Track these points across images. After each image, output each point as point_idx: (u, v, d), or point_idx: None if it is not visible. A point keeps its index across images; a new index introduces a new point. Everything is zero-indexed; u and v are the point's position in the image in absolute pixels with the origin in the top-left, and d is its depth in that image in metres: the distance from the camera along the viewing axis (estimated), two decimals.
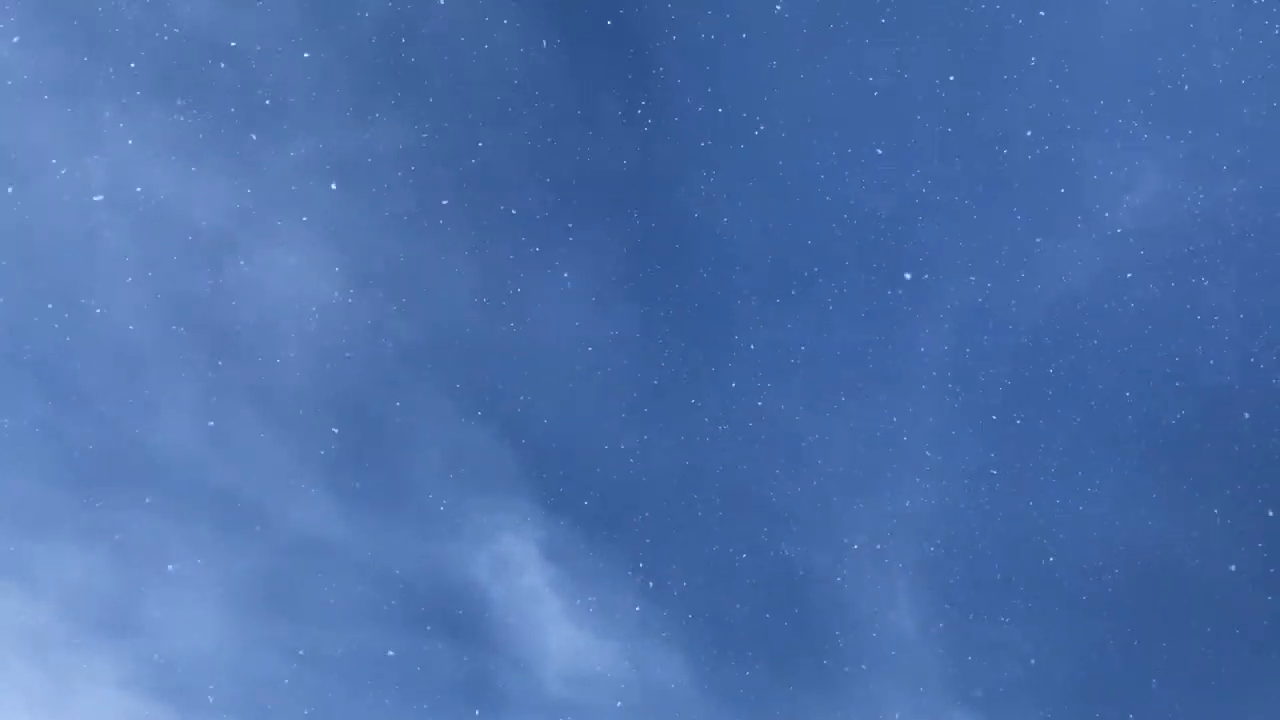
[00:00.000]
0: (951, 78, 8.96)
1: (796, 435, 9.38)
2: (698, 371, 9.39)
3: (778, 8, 8.97)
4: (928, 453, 9.35)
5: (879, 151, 9.09)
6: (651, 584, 9.53)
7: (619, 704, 9.54)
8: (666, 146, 9.18)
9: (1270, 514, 8.94)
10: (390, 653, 9.48)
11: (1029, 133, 8.97)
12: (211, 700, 9.39)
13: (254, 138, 8.96)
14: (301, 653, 9.45)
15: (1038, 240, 9.08)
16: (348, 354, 9.25)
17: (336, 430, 9.32)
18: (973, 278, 9.17)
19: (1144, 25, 8.77)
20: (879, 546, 9.43)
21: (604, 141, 9.18)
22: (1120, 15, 8.79)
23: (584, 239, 9.29)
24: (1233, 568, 9.11)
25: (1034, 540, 9.33)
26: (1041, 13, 8.84)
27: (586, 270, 9.31)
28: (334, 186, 9.10)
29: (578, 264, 9.30)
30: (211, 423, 9.23)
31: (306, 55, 8.96)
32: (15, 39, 8.66)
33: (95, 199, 8.15)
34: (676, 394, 9.41)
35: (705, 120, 9.13)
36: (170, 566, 9.29)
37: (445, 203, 9.19)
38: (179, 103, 8.91)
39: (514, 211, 9.23)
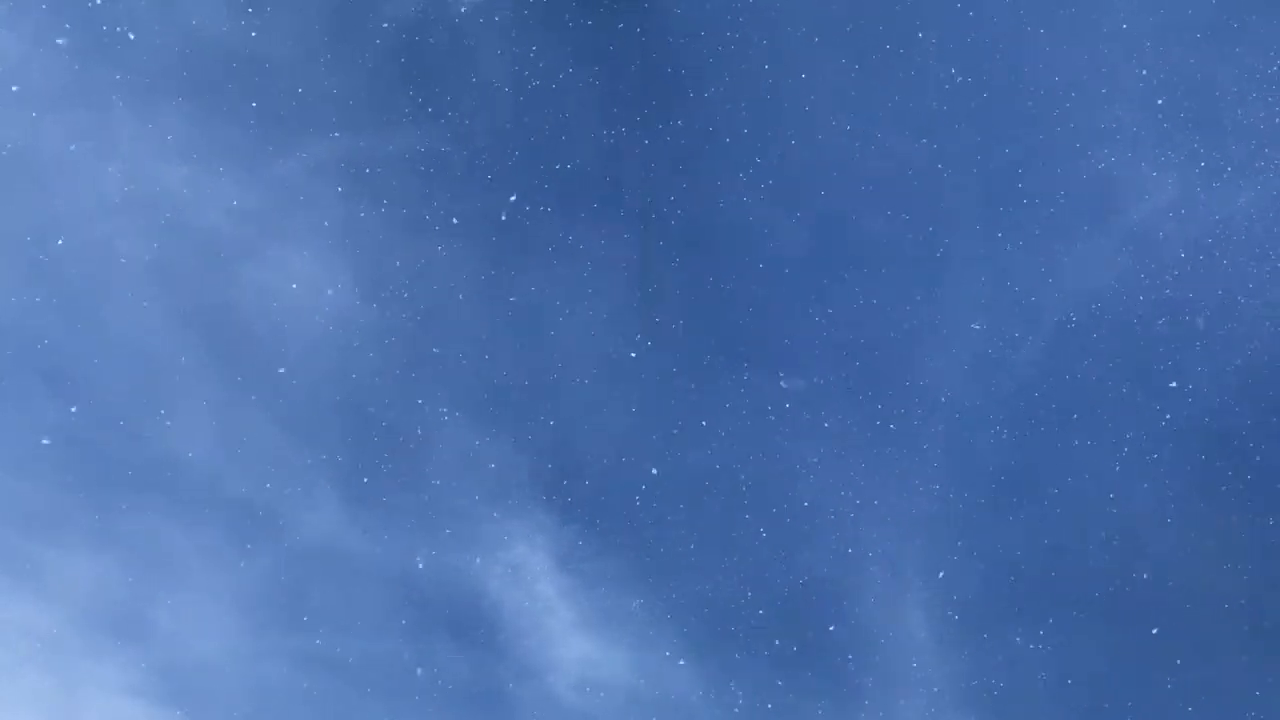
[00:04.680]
0: (966, 82, 8.93)
1: (809, 444, 9.36)
2: (710, 380, 9.37)
3: (789, 15, 8.95)
4: (941, 461, 9.32)
5: (890, 158, 9.07)
6: (663, 592, 9.52)
7: (629, 713, 9.53)
8: (682, 153, 9.17)
9: None
10: (401, 661, 9.48)
11: (1048, 134, 8.94)
12: (221, 708, 9.39)
13: (267, 142, 8.96)
14: (312, 660, 9.45)
15: (1054, 246, 9.05)
16: (361, 360, 9.24)
17: (349, 437, 9.31)
18: (991, 278, 9.14)
19: (1160, 29, 8.74)
20: (891, 556, 9.41)
21: (620, 146, 9.16)
22: (1137, 19, 8.75)
23: (599, 245, 9.27)
24: (1246, 577, 9.08)
25: (1047, 550, 9.30)
26: (1060, 15, 8.80)
27: (601, 277, 9.29)
28: (347, 191, 9.09)
29: (592, 270, 9.28)
30: (223, 428, 9.23)
31: (319, 59, 8.96)
32: (28, 43, 8.65)
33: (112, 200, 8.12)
34: (689, 403, 9.40)
35: (721, 126, 9.12)
36: (182, 573, 9.30)
37: (459, 207, 9.18)
38: (190, 108, 8.91)
39: (529, 216, 9.20)
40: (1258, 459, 9.01)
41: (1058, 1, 8.77)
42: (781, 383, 8.53)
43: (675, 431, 9.41)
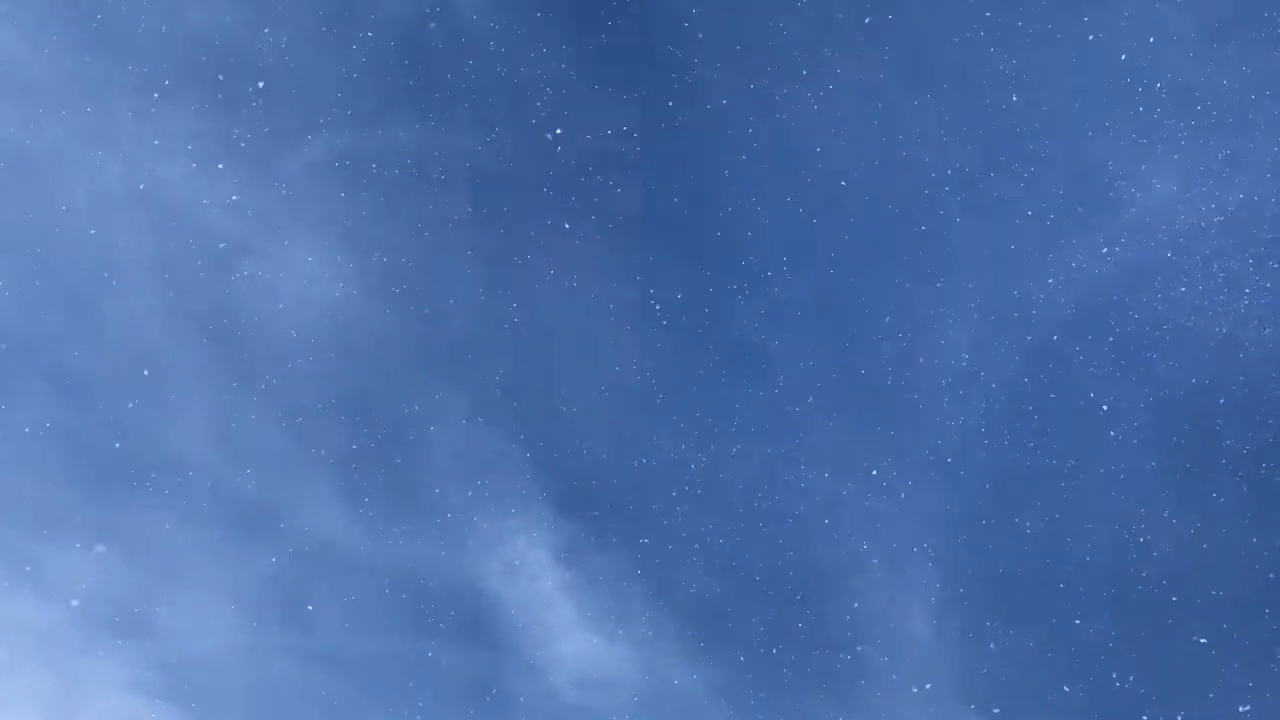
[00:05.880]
0: (965, 84, 8.95)
1: (810, 438, 9.37)
2: (710, 375, 9.38)
3: (790, 18, 8.97)
4: (942, 455, 9.33)
5: (893, 154, 9.08)
6: (663, 588, 9.52)
7: (630, 709, 9.53)
8: (680, 149, 9.17)
9: None
10: (402, 657, 9.48)
11: (1045, 132, 8.96)
12: (222, 704, 9.38)
13: (268, 139, 8.96)
14: (312, 656, 9.44)
15: (1053, 246, 9.07)
16: (362, 357, 9.25)
17: (349, 434, 9.31)
18: (989, 279, 9.15)
19: (1158, 29, 8.76)
20: (892, 551, 9.41)
21: (617, 143, 9.17)
22: (1136, 20, 8.78)
23: (597, 242, 9.28)
24: (1244, 575, 9.08)
25: (1048, 544, 9.31)
26: (1060, 16, 8.83)
27: (599, 273, 9.30)
28: (346, 188, 9.10)
29: (591, 267, 9.29)
30: (224, 425, 9.23)
31: (320, 57, 8.97)
32: (30, 40, 8.66)
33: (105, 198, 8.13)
34: (688, 398, 9.40)
35: (720, 121, 9.13)
36: (182, 570, 9.30)
37: (458, 203, 9.18)
38: (192, 104, 8.92)
39: (528, 213, 9.22)
40: (1257, 456, 9.03)
41: (1058, 3, 8.80)
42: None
43: (676, 430, 9.42)
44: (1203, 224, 8.90)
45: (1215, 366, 8.98)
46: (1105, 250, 9.01)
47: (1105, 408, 9.16)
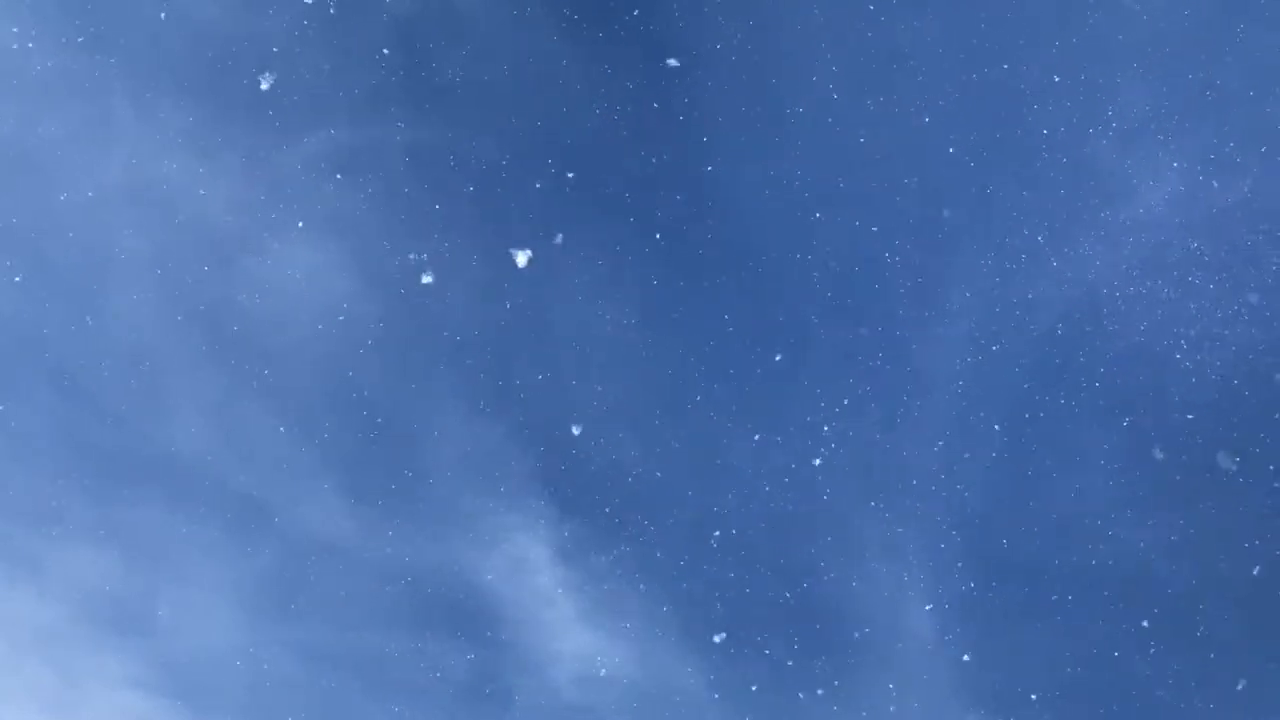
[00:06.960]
0: (966, 81, 8.93)
1: (809, 435, 9.35)
2: (710, 372, 9.37)
3: (790, 15, 8.95)
4: (942, 452, 9.32)
5: (894, 149, 9.06)
6: (663, 587, 9.53)
7: (630, 708, 9.54)
8: (680, 144, 9.16)
9: None
10: (401, 654, 9.50)
11: (1047, 130, 8.93)
12: (222, 701, 9.42)
13: (267, 134, 8.96)
14: (311, 653, 9.47)
15: (1053, 243, 9.04)
16: (360, 353, 9.25)
17: (349, 430, 9.32)
18: (990, 274, 9.14)
19: (1160, 24, 8.73)
20: (893, 550, 9.41)
21: (618, 139, 9.16)
22: (1137, 15, 8.75)
23: (597, 237, 9.27)
24: (1245, 573, 9.07)
25: (1051, 543, 9.30)
26: (1060, 12, 8.80)
27: (599, 269, 9.30)
28: (347, 184, 9.10)
29: (591, 263, 9.29)
30: (224, 422, 9.25)
31: (317, 51, 8.96)
32: (27, 35, 8.67)
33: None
34: (689, 395, 9.40)
35: (720, 118, 9.11)
36: (182, 567, 9.33)
37: (457, 199, 9.18)
38: (191, 101, 8.92)
39: (527, 209, 9.21)
40: (1256, 454, 9.00)
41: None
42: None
43: (677, 426, 9.42)
44: (1209, 223, 8.88)
45: (1217, 367, 8.96)
46: (1109, 250, 8.99)
47: (1107, 407, 9.14)
